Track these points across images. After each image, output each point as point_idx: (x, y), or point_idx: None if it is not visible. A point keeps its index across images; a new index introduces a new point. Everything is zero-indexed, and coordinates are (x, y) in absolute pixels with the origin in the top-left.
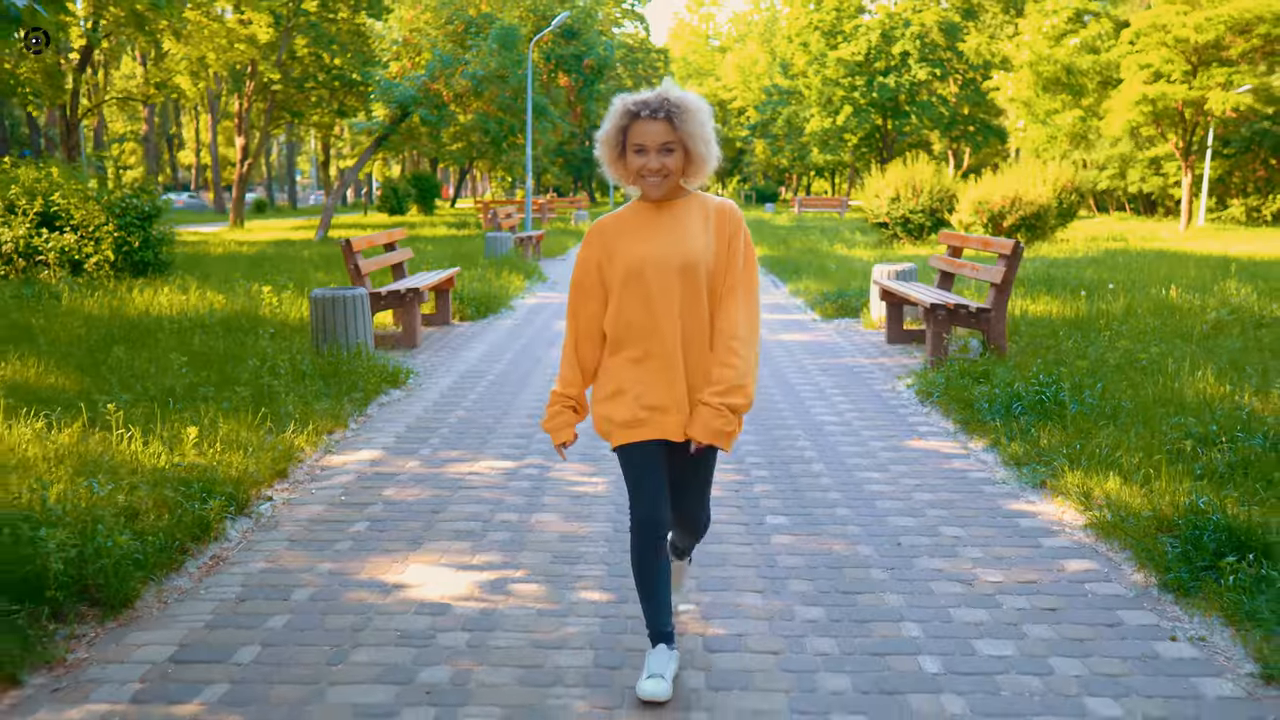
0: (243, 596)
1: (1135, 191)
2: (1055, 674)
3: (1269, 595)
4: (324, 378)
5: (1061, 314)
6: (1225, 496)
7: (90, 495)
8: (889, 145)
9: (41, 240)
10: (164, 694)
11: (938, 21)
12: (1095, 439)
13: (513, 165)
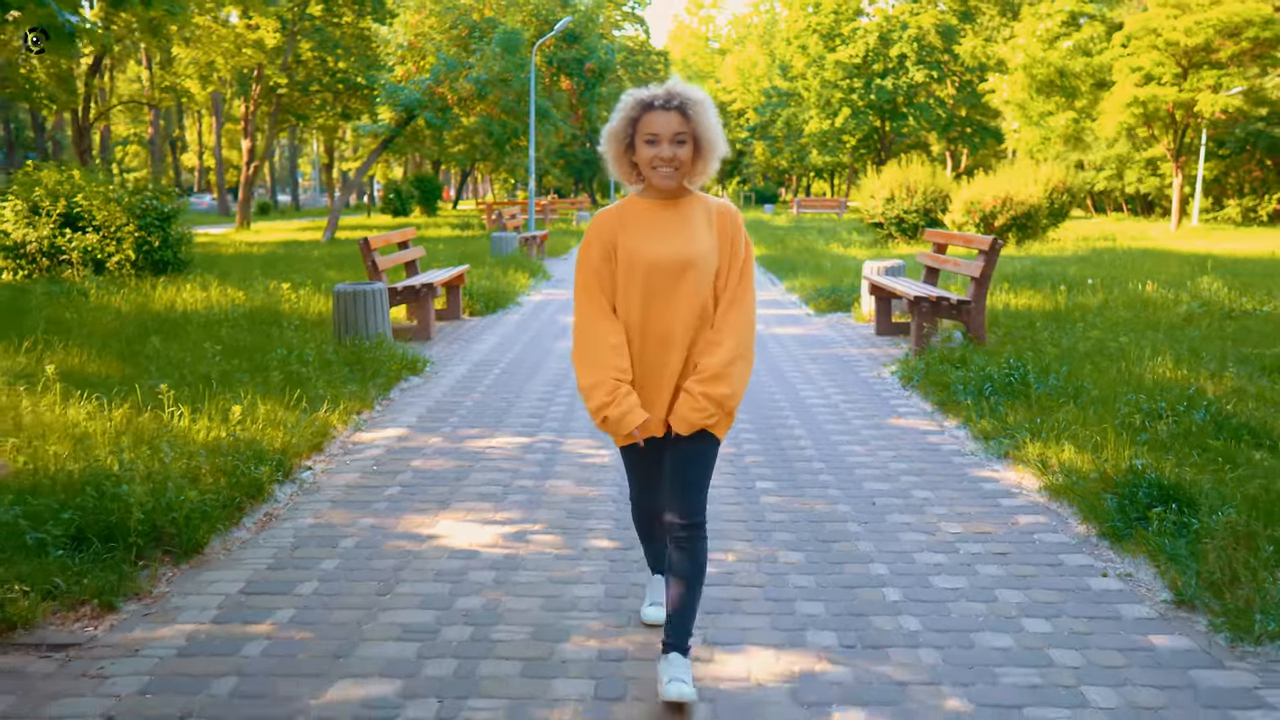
0: (296, 545)
1: (1132, 192)
2: (999, 601)
3: (1186, 538)
4: (348, 365)
5: (1041, 307)
6: (1162, 460)
7: (157, 460)
8: (887, 147)
9: (65, 240)
10: (240, 617)
11: (935, 24)
12: (1056, 415)
13: (515, 167)
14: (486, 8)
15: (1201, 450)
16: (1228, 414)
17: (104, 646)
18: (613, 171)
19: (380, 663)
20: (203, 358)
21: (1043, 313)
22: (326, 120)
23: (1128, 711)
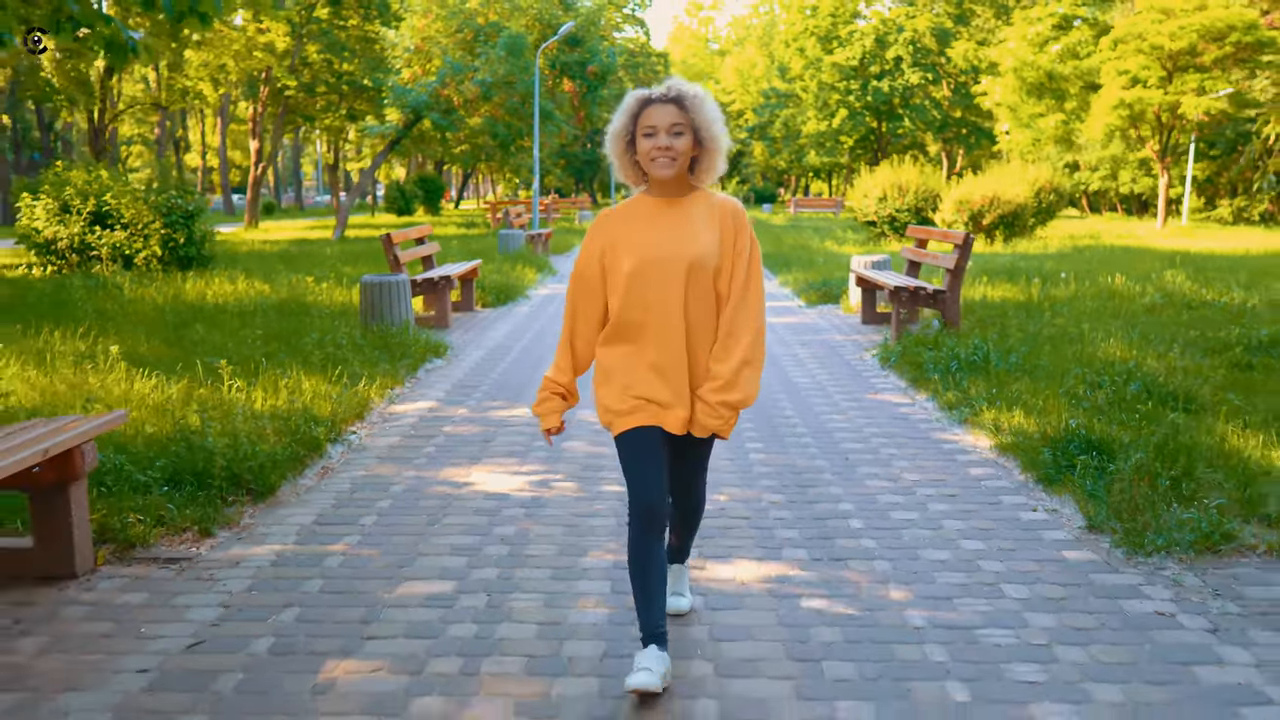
0: (354, 490)
1: (1127, 192)
2: (943, 528)
3: (1103, 480)
4: (377, 348)
5: (1015, 298)
6: (1094, 421)
7: (230, 422)
8: (883, 147)
9: (95, 237)
10: (316, 540)
11: (930, 27)
12: (1011, 388)
13: (519, 167)
14: (491, 12)
15: (1130, 413)
16: (1159, 385)
17: (209, 560)
18: (617, 172)
19: (437, 569)
20: (244, 341)
21: (1016, 303)
22: (333, 121)
23: (1036, 600)
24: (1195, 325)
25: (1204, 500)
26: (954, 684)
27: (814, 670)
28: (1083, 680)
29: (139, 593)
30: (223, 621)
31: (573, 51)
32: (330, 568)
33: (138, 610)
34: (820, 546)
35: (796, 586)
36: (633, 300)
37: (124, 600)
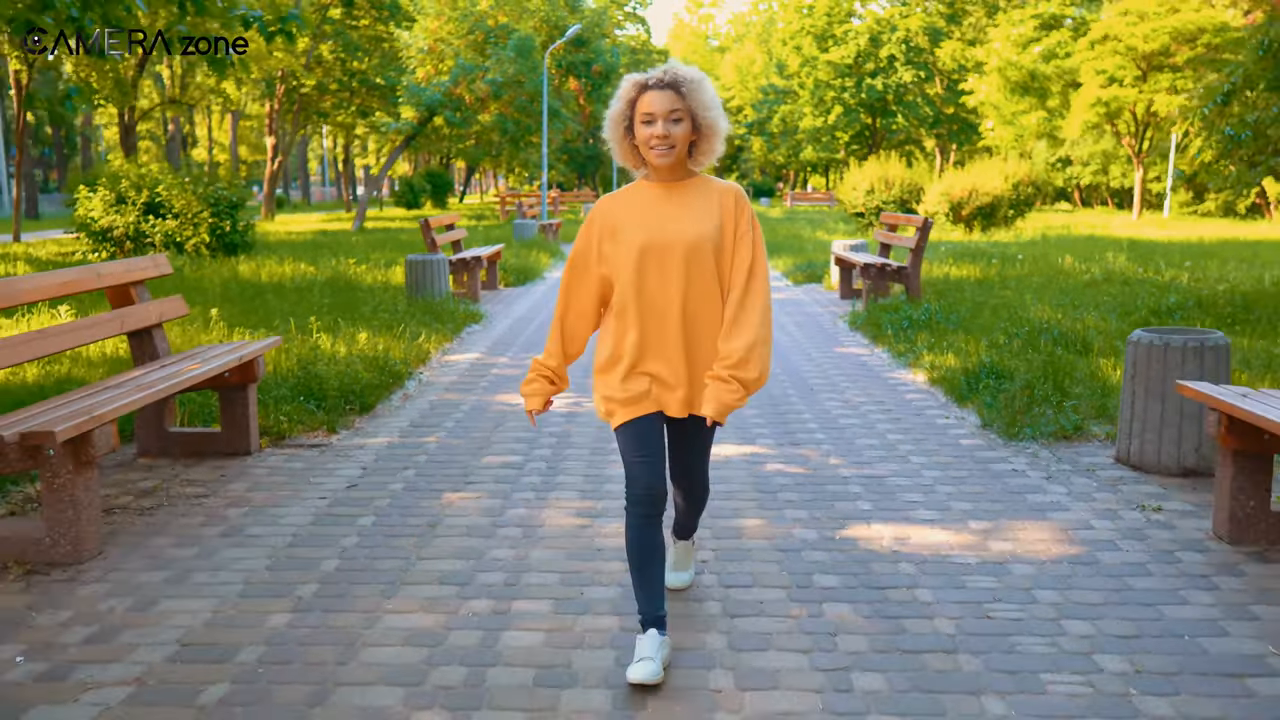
0: (431, 409)
1: (1117, 186)
2: (876, 429)
3: (998, 395)
4: (424, 315)
5: (975, 276)
6: (1001, 357)
7: (333, 359)
8: (877, 143)
9: (148, 225)
10: (412, 436)
11: (922, 26)
12: (947, 339)
13: (527, 162)
14: (501, 14)
15: (1031, 351)
16: (1066, 335)
17: (340, 446)
18: (617, 156)
19: (506, 451)
20: (312, 308)
21: (974, 280)
22: (345, 118)
23: (931, 464)
24: (1121, 296)
25: (1066, 405)
26: (864, 504)
27: (774, 502)
28: (949, 500)
29: (298, 463)
30: (364, 476)
31: (578, 51)
32: (431, 449)
33: (301, 472)
34: (782, 436)
35: (765, 459)
36: (634, 285)
37: (289, 467)
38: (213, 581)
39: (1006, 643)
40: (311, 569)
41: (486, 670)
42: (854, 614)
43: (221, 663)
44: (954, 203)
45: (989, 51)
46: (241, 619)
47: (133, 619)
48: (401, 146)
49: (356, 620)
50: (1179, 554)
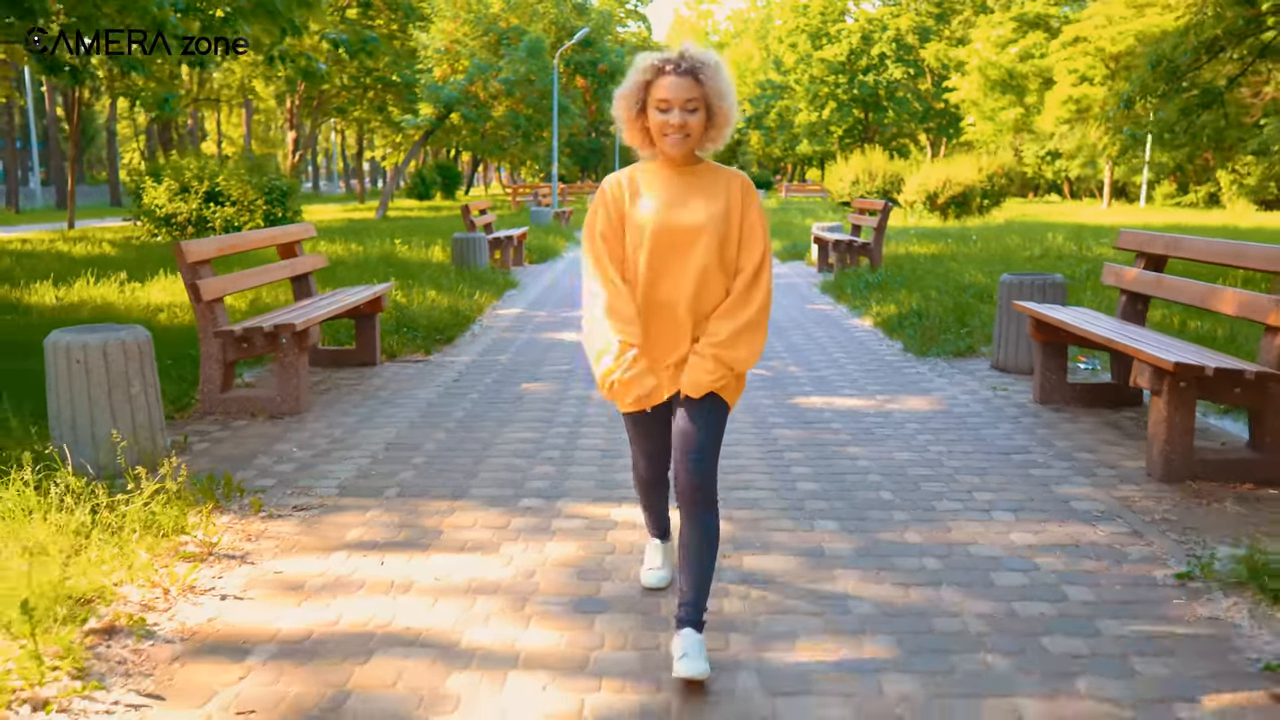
0: (495, 342)
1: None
2: (827, 351)
3: (918, 329)
4: (471, 281)
5: (932, 253)
6: (928, 305)
7: (419, 306)
8: (870, 137)
9: (209, 212)
10: (488, 355)
11: (911, 26)
12: (892, 295)
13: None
14: (513, 17)
15: (938, 299)
16: (980, 289)
17: (436, 363)
18: (624, 135)
19: (555, 371)
20: (379, 276)
21: (930, 255)
22: (361, 113)
23: (860, 371)
24: (1041, 264)
25: (963, 333)
26: (807, 387)
27: (756, 409)
28: (866, 386)
29: (411, 370)
30: (461, 377)
31: (585, 51)
32: (503, 363)
33: (416, 375)
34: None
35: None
36: (640, 270)
37: (405, 373)
38: (386, 423)
39: (889, 456)
40: (446, 418)
41: (573, 454)
42: (798, 448)
43: (410, 457)
44: (930, 192)
45: (970, 51)
46: (412, 437)
47: (346, 438)
48: (421, 141)
49: (485, 436)
50: (1006, 410)
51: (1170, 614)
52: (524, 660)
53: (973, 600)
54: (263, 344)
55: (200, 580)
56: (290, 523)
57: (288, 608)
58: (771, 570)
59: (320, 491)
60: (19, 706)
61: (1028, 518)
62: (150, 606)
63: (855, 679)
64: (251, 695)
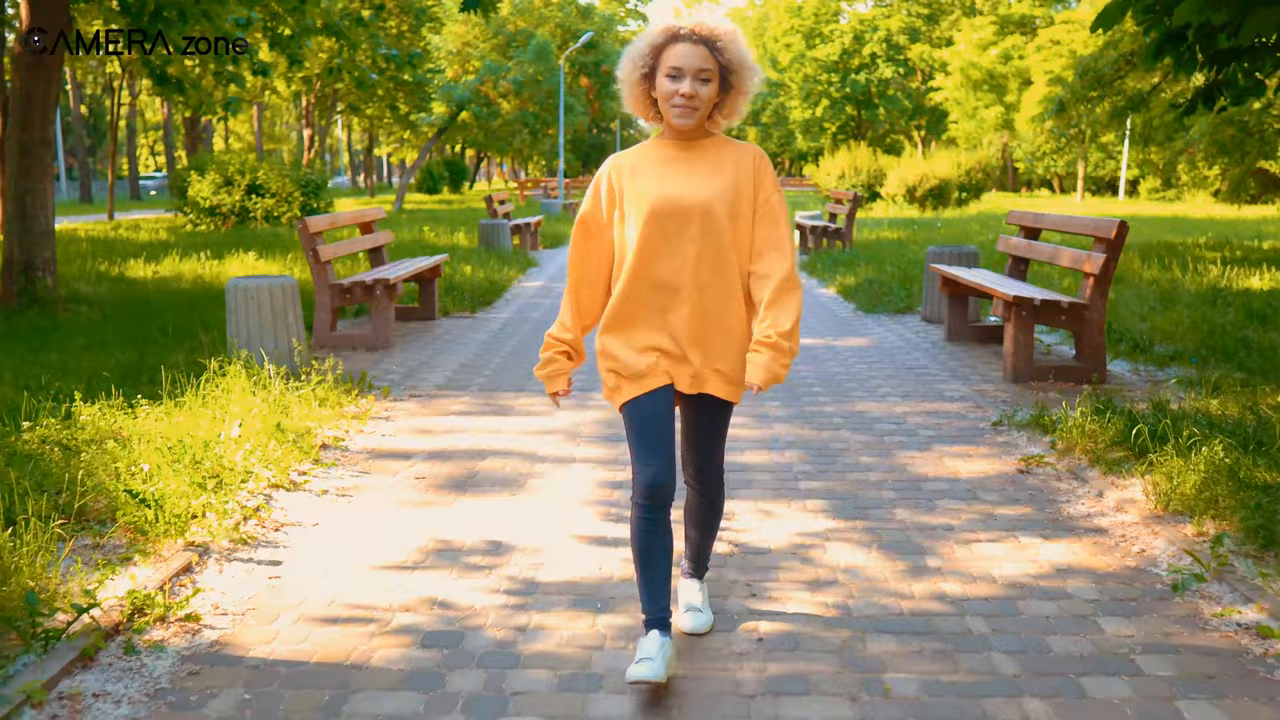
0: (525, 304)
1: (1093, 174)
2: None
3: (869, 292)
4: (498, 260)
5: (898, 237)
6: (880, 274)
7: (464, 275)
8: (862, 134)
9: (251, 202)
10: (522, 313)
11: (902, 27)
12: (854, 268)
13: (543, 151)
14: (521, 21)
15: (889, 271)
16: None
17: (481, 317)
18: (627, 103)
19: None
20: (419, 254)
21: (896, 240)
22: (373, 111)
23: (817, 323)
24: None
25: (903, 295)
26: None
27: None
28: (823, 333)
29: (464, 322)
30: (506, 325)
31: (589, 53)
32: (538, 316)
33: (469, 325)
34: None
35: None
36: (644, 251)
37: (460, 324)
38: (456, 353)
39: (826, 370)
40: (500, 350)
41: (596, 375)
42: None
43: (481, 370)
44: (909, 186)
45: (953, 53)
46: (478, 361)
47: (430, 360)
48: (435, 138)
49: (530, 361)
50: (920, 344)
51: (981, 440)
52: (579, 459)
53: (858, 436)
54: (361, 294)
55: (361, 434)
56: (411, 403)
57: (426, 440)
58: (732, 424)
59: (424, 387)
60: (291, 475)
61: (909, 400)
62: (340, 438)
63: (778, 474)
64: (419, 473)
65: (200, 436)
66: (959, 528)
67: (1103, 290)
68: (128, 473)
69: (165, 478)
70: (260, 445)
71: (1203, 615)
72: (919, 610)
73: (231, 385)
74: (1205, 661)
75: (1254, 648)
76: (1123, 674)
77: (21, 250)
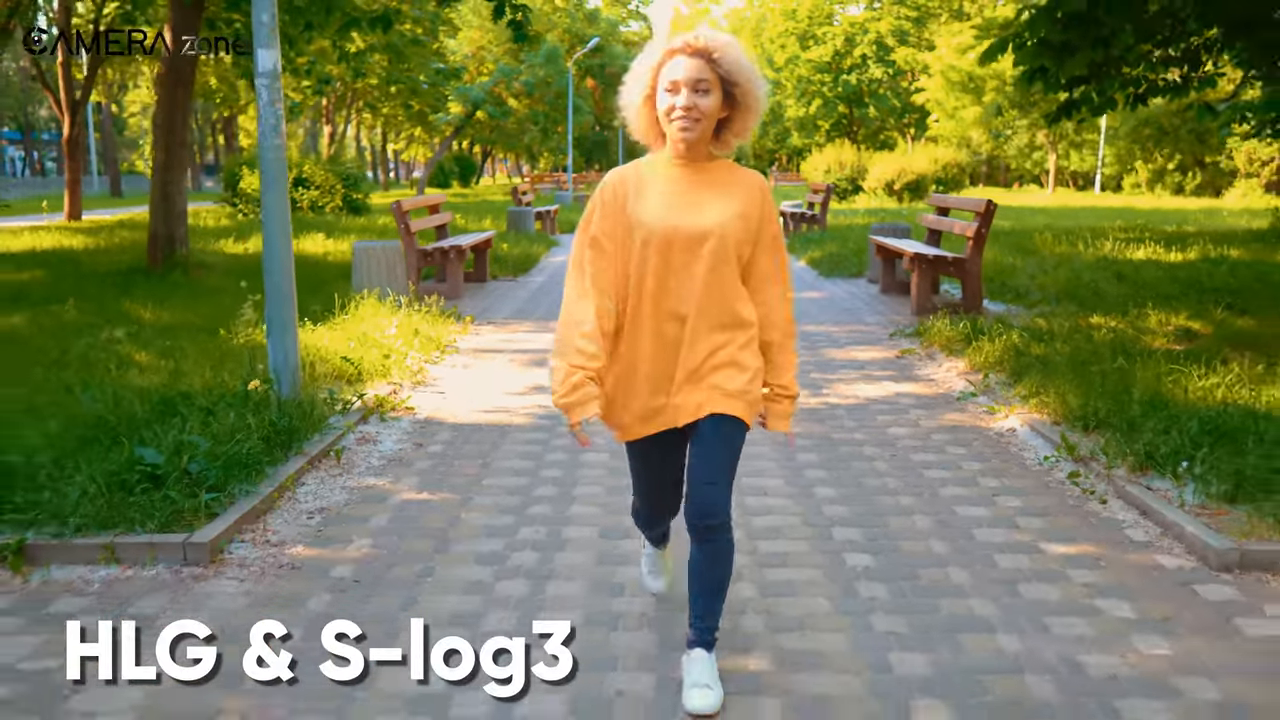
0: (551, 278)
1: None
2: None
3: (833, 263)
4: (526, 239)
5: (865, 223)
6: (841, 250)
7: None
8: (854, 131)
9: (298, 194)
10: (554, 280)
11: (891, 29)
12: (825, 246)
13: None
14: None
15: (850, 246)
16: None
17: (523, 281)
18: (631, 127)
19: None
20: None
21: (865, 225)
22: (389, 111)
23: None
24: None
25: (856, 263)
26: None
27: None
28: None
29: (507, 285)
30: (540, 287)
31: (595, 56)
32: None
33: (512, 287)
34: None
35: None
36: (642, 275)
37: (506, 285)
38: (510, 302)
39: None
40: (546, 300)
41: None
42: None
43: (534, 310)
44: (888, 180)
45: (934, 57)
46: (529, 307)
47: (493, 305)
48: (452, 136)
49: None
50: (860, 296)
51: (879, 343)
52: None
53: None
54: (439, 258)
55: (463, 341)
56: (489, 327)
57: (509, 342)
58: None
59: (495, 319)
60: (431, 356)
61: (838, 324)
62: (451, 341)
63: None
64: (513, 359)
65: (369, 335)
66: (848, 380)
67: (979, 249)
68: (337, 352)
69: (361, 352)
70: (406, 341)
71: (967, 409)
72: (811, 408)
73: (368, 312)
74: (967, 433)
75: (987, 419)
76: (918, 437)
77: (165, 226)
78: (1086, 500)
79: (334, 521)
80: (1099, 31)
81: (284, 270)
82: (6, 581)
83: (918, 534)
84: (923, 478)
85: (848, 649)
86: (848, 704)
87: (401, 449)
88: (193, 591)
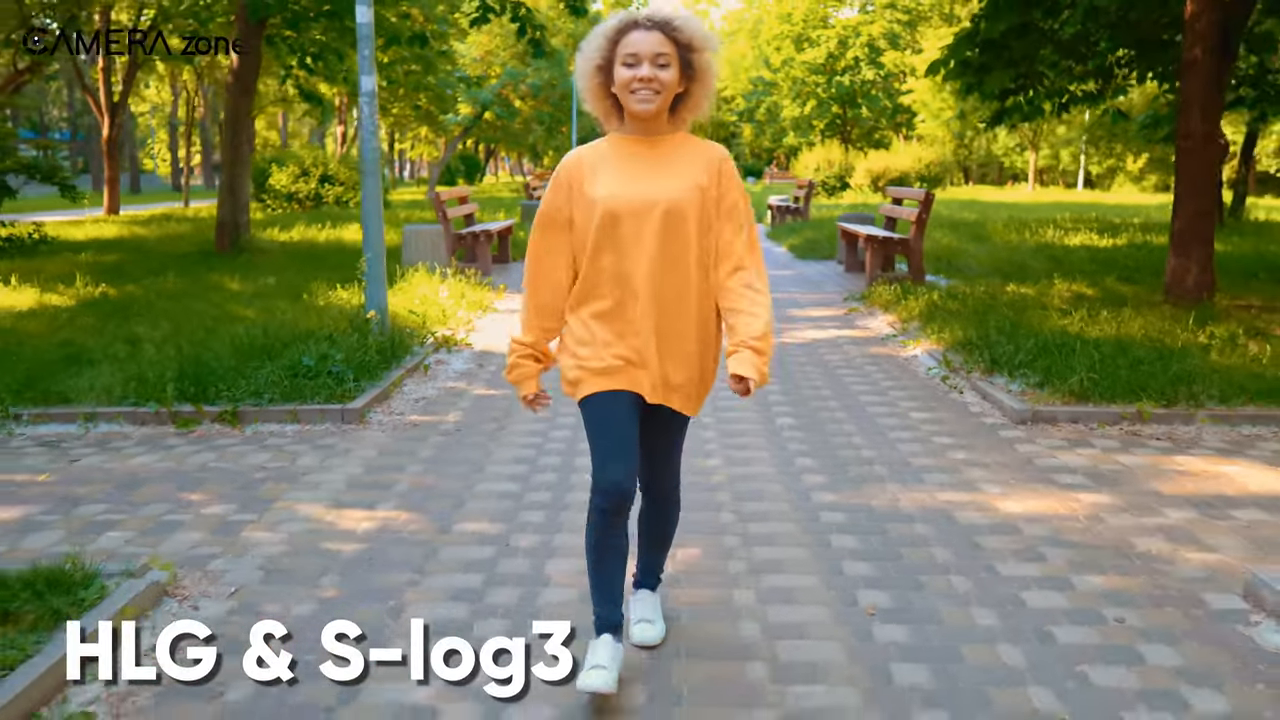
0: None
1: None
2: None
3: (800, 241)
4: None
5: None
6: (818, 236)
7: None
8: (848, 130)
9: (324, 190)
10: None
11: (883, 32)
12: (804, 234)
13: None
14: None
15: (827, 233)
16: None
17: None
18: (587, 102)
19: None
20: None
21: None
22: (400, 111)
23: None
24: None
25: (829, 247)
26: None
27: None
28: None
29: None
30: None
31: None
32: None
33: None
34: None
35: None
36: (604, 250)
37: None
38: None
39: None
40: None
41: None
42: None
43: None
44: (873, 176)
45: (921, 60)
46: None
47: (519, 278)
48: (461, 135)
49: None
50: (828, 274)
51: (833, 306)
52: None
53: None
54: (470, 240)
55: (499, 303)
56: (519, 295)
57: None
58: None
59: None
60: (476, 314)
61: (804, 293)
62: (491, 302)
63: None
64: None
65: (427, 296)
66: (803, 329)
67: (920, 231)
68: (404, 307)
69: (425, 307)
70: (455, 301)
71: (887, 345)
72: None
73: (420, 280)
74: (883, 360)
75: (900, 350)
76: (848, 363)
77: (232, 214)
78: (950, 392)
79: (432, 405)
80: (1010, 55)
81: (378, 238)
82: (229, 433)
83: (836, 420)
84: (845, 385)
85: (781, 490)
86: (785, 535)
87: (468, 368)
88: (352, 436)
